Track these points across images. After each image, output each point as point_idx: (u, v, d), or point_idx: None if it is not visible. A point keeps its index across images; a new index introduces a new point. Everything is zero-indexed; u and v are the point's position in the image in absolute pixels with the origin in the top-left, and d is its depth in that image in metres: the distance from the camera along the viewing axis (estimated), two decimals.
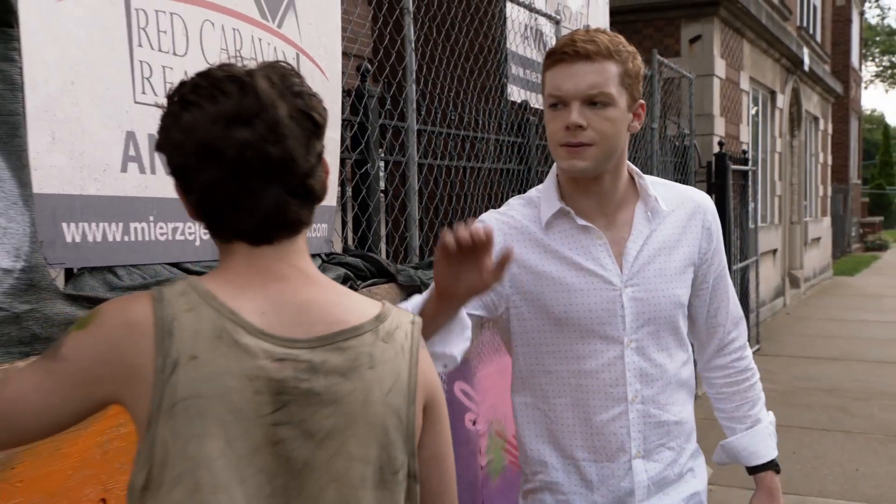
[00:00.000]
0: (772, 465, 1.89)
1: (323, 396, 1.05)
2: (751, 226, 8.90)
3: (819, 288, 15.32)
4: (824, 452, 5.51)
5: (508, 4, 4.17)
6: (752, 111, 11.46)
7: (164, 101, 1.12)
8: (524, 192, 4.28)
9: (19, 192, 1.48)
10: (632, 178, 1.77)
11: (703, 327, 1.86)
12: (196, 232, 2.01)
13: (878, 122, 69.08)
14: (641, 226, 1.72)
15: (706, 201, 1.82)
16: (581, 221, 1.70)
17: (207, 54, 2.04)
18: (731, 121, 9.83)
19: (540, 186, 1.80)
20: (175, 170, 1.07)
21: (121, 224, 1.79)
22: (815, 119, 16.13)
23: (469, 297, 1.44)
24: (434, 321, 1.48)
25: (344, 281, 2.45)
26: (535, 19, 4.55)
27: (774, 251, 12.31)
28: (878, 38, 51.46)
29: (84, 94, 1.69)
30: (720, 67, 9.28)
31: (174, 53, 1.95)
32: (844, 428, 6.00)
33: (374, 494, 1.09)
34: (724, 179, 7.69)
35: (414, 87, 3.08)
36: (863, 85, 36.85)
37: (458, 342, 1.60)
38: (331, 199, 2.65)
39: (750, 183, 8.85)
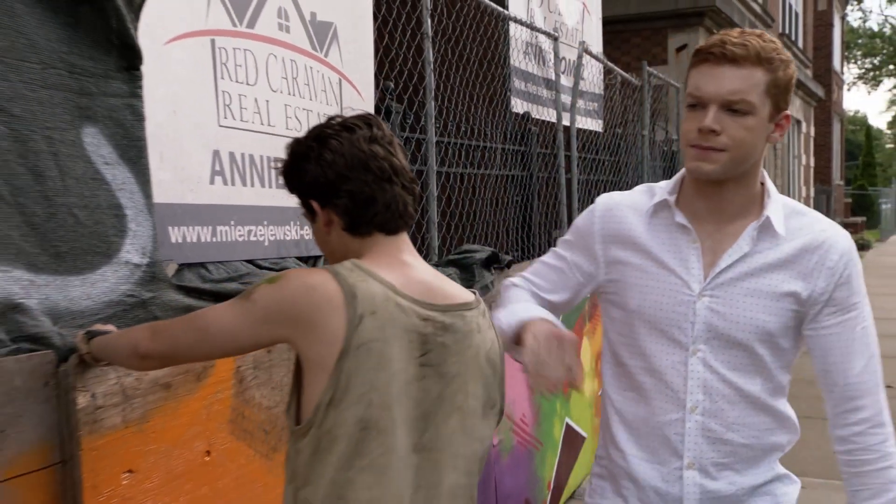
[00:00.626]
0: None
1: (451, 349, 1.43)
2: None
3: None
4: (805, 437, 5.88)
5: (511, 24, 4.55)
6: None
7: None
8: (527, 196, 4.63)
9: (145, 202, 1.84)
10: (763, 193, 1.68)
11: (820, 380, 1.70)
12: (265, 234, 2.37)
13: (861, 123, 69.92)
14: (744, 242, 1.63)
15: (839, 240, 1.66)
16: (679, 219, 1.66)
17: (272, 82, 2.41)
18: None
19: (671, 179, 1.75)
20: (322, 184, 1.43)
21: (210, 227, 2.15)
22: (798, 122, 16.61)
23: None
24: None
25: None
26: (536, 37, 4.92)
27: None
28: (860, 41, 52.18)
29: (183, 121, 2.05)
30: None
31: (247, 83, 2.31)
32: (823, 415, 6.38)
33: (481, 422, 1.49)
34: None
35: (433, 104, 3.45)
36: (845, 87, 37.46)
37: None
38: None
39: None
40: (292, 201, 1.54)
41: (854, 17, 55.53)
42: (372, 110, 3.02)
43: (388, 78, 3.28)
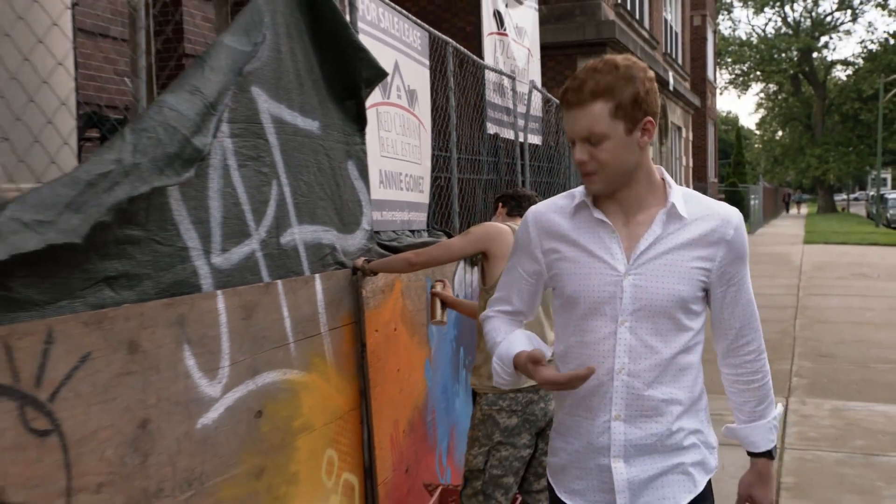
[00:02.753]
0: (767, 454, 2.06)
1: None
2: None
3: None
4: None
5: (486, 70, 6.37)
6: None
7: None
8: (497, 194, 6.59)
9: (368, 197, 3.56)
10: (664, 185, 1.96)
11: (717, 328, 2.03)
12: (397, 217, 4.11)
13: (733, 123, 75.12)
14: (657, 226, 1.91)
15: (732, 217, 1.96)
16: (597, 215, 1.95)
17: (395, 128, 4.16)
18: None
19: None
20: (507, 196, 3.21)
21: (379, 212, 3.88)
22: (679, 128, 19.11)
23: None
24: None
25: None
26: (501, 77, 6.76)
27: None
28: (730, 49, 56.51)
29: (371, 154, 3.78)
30: None
31: (389, 131, 4.05)
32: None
33: None
34: None
35: (455, 133, 5.24)
36: (718, 91, 41.00)
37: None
38: (424, 199, 4.78)
39: None
40: (408, 198, 3.29)
41: (725, 26, 59.86)
42: (430, 138, 4.79)
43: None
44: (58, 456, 1.98)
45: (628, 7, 13.60)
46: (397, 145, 4.13)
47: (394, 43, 4.15)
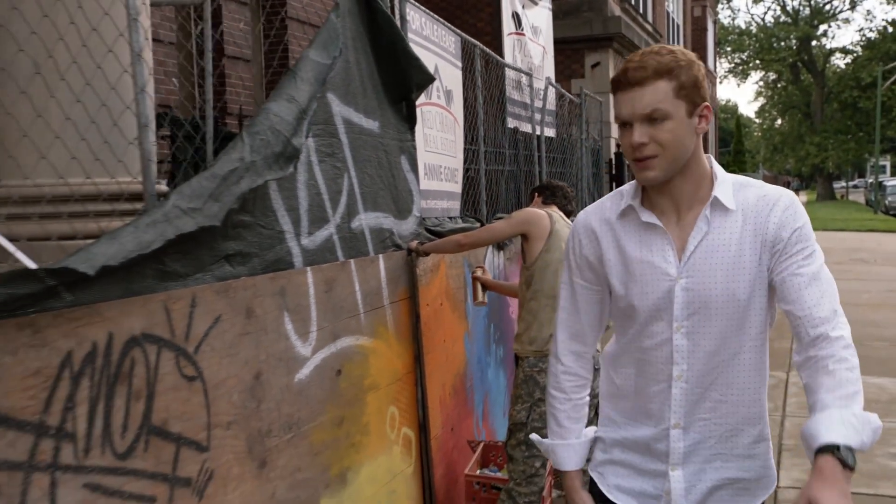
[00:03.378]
0: (831, 449, 1.56)
1: None
2: None
3: None
4: None
5: (506, 69, 6.83)
6: None
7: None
8: (517, 184, 7.26)
9: (417, 187, 4.04)
10: (712, 176, 1.86)
11: (791, 320, 1.81)
12: (438, 205, 4.59)
13: (732, 112, 75.53)
14: (702, 224, 1.82)
15: (782, 197, 1.84)
16: (645, 218, 1.87)
17: (436, 126, 4.63)
18: None
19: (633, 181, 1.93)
20: (542, 186, 3.69)
21: (424, 201, 4.35)
22: None
23: None
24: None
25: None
26: (519, 75, 7.22)
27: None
28: (730, 38, 56.88)
29: (418, 149, 4.25)
30: None
31: (431, 128, 4.52)
32: None
33: None
34: (621, 172, 10.61)
35: (482, 127, 5.71)
36: (717, 80, 41.44)
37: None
38: (458, 188, 5.25)
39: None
40: (446, 188, 3.77)
41: (724, 15, 60.19)
42: (462, 136, 5.26)
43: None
44: (201, 398, 2.46)
45: (633, 2, 14.05)
46: (437, 141, 4.60)
47: (434, 48, 4.61)
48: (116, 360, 2.16)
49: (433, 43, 4.61)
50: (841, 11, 58.72)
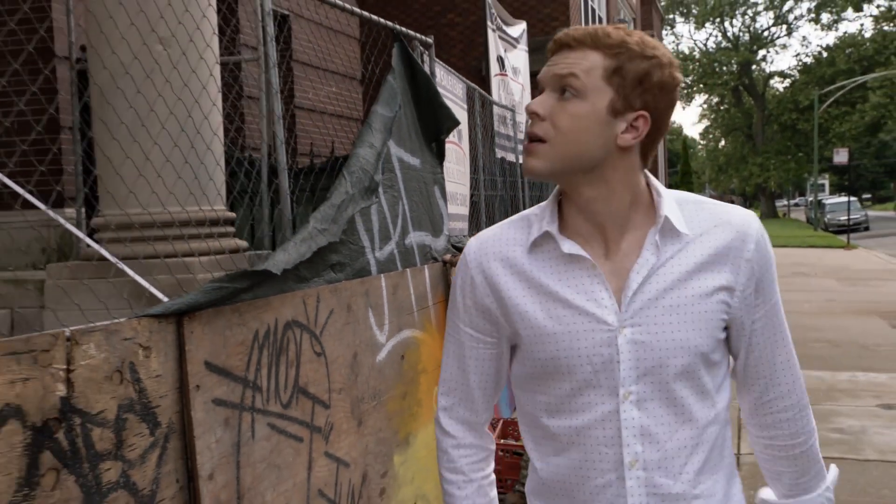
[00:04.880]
0: None
1: None
2: None
3: None
4: None
5: (494, 106, 7.81)
6: None
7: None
8: (506, 207, 8.40)
9: (446, 211, 4.95)
10: (651, 195, 1.43)
11: (741, 376, 1.50)
12: (456, 227, 5.50)
13: (677, 133, 78.06)
14: (649, 253, 1.39)
15: (749, 226, 1.43)
16: (567, 248, 1.41)
17: (452, 160, 5.56)
18: None
19: (543, 203, 1.50)
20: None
21: (449, 223, 5.27)
22: None
23: None
24: None
25: None
26: (504, 111, 8.20)
27: None
28: None
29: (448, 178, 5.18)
30: None
31: (449, 161, 5.45)
32: None
33: None
34: None
35: (481, 158, 6.66)
36: None
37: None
38: (466, 211, 6.18)
39: None
40: (459, 211, 4.69)
41: (668, 41, 62.43)
42: (469, 167, 6.20)
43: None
44: (324, 369, 3.32)
45: None
46: (453, 172, 5.52)
47: (450, 96, 5.55)
48: (280, 338, 3.02)
49: (449, 91, 5.55)
50: (778, 37, 61.45)
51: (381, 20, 4.54)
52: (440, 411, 1.65)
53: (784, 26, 58.84)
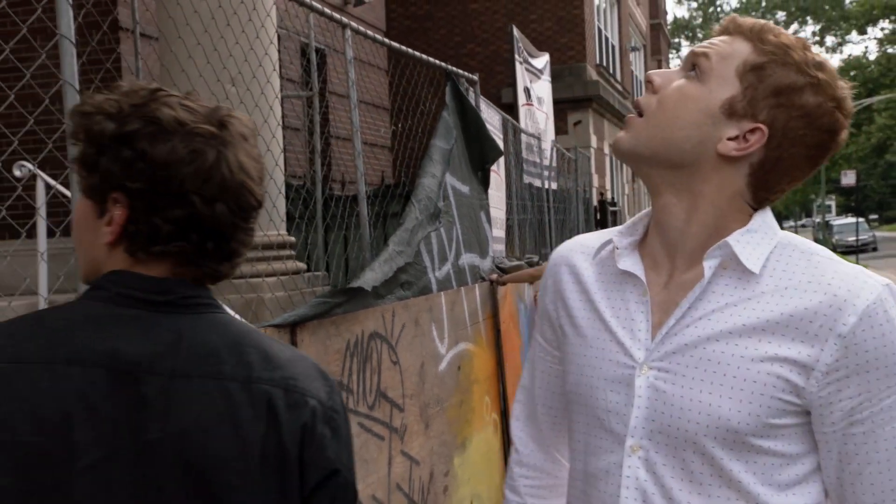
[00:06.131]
0: None
1: None
2: None
3: None
4: None
5: (522, 134, 8.23)
6: (609, 167, 16.12)
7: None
8: (534, 230, 8.72)
9: (491, 234, 5.35)
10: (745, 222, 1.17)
11: (832, 495, 1.13)
12: (497, 248, 5.92)
13: None
14: (706, 290, 1.14)
15: (856, 295, 1.08)
16: (623, 264, 1.22)
17: (493, 187, 5.98)
18: (600, 175, 14.35)
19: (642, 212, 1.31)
20: None
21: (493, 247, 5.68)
22: None
23: None
24: None
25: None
26: (531, 139, 8.63)
27: None
28: None
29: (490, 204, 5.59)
30: (594, 141, 13.77)
31: (490, 188, 5.87)
32: None
33: None
34: (605, 217, 12.06)
35: (514, 185, 7.07)
36: None
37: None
38: (503, 234, 6.57)
39: (618, 219, 13.34)
40: (499, 234, 5.08)
41: (675, 64, 63.10)
42: (505, 192, 6.61)
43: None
44: (399, 376, 3.71)
45: (605, 64, 15.70)
46: (494, 198, 5.93)
47: (490, 127, 5.97)
48: (365, 348, 3.42)
49: (487, 122, 5.97)
50: None
51: (434, 60, 4.97)
52: (512, 420, 1.48)
53: None
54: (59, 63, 2.06)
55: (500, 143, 6.54)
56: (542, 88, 9.51)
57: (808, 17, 56.06)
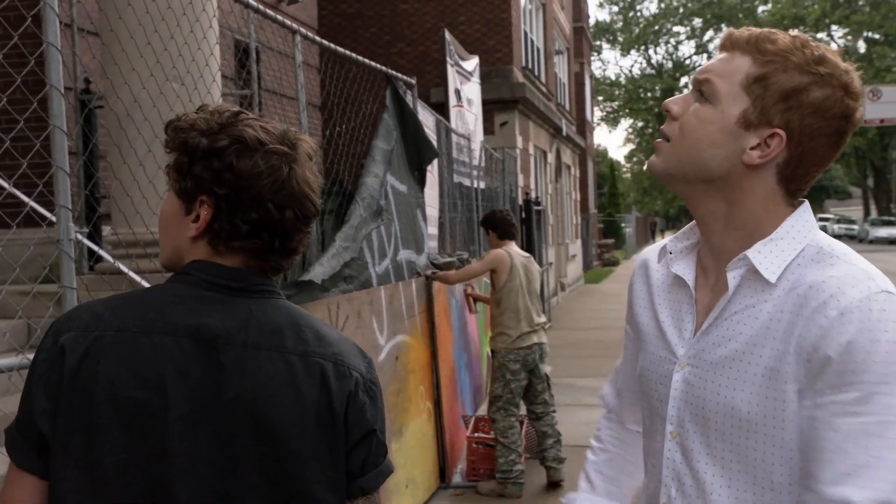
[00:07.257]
0: None
1: None
2: (542, 246, 13.77)
3: (577, 291, 20.87)
4: (598, 367, 10.23)
5: (453, 134, 8.49)
6: (534, 167, 16.53)
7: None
8: (463, 228, 9.05)
9: (426, 232, 5.59)
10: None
11: (800, 471, 1.19)
12: (431, 244, 6.16)
13: (603, 156, 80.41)
14: (735, 294, 1.26)
15: (846, 291, 1.16)
16: (676, 269, 1.36)
17: (428, 186, 6.22)
18: (525, 175, 14.73)
19: None
20: (491, 223, 5.27)
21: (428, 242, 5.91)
22: (569, 167, 21.81)
23: None
24: None
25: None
26: (461, 139, 8.90)
27: (551, 264, 17.44)
28: (600, 88, 61.20)
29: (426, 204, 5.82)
30: (519, 141, 14.13)
31: (425, 188, 6.11)
32: (607, 355, 10.79)
33: None
34: (529, 216, 12.41)
35: (446, 185, 7.32)
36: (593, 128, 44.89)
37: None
38: (436, 231, 6.82)
39: (542, 217, 13.72)
40: (432, 231, 5.36)
41: (595, 67, 64.52)
42: (438, 191, 6.86)
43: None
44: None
45: (530, 66, 16.09)
46: (429, 197, 6.17)
47: (426, 129, 6.21)
48: None
49: (426, 125, 6.21)
50: (699, 65, 64.07)
51: (375, 65, 5.18)
52: (607, 383, 1.68)
53: (705, 55, 61.42)
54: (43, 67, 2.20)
55: (435, 144, 6.78)
56: (472, 90, 9.78)
57: (723, 25, 58.09)
